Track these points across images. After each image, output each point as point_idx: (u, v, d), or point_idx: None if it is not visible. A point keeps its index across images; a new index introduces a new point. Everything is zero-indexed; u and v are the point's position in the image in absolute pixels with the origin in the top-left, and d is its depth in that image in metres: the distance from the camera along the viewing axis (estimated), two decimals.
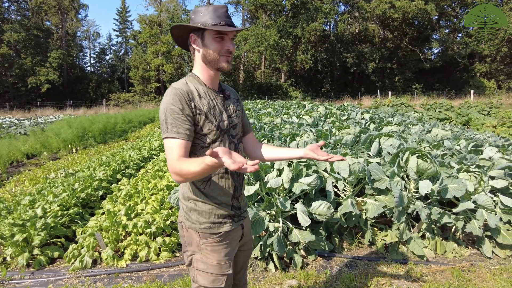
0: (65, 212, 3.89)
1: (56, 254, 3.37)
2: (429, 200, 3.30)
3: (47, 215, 3.71)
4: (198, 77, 1.48)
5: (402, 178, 3.38)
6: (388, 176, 3.35)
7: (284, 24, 33.76)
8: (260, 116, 7.50)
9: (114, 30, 52.02)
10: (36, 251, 3.31)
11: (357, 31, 39.66)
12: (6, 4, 38.94)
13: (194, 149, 1.43)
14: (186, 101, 1.36)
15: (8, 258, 3.27)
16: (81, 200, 4.26)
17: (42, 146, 9.21)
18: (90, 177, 4.94)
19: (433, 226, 3.39)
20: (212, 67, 1.46)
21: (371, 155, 4.05)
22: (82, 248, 3.30)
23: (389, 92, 30.77)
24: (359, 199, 3.55)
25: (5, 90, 35.77)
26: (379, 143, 4.12)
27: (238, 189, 1.57)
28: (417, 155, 3.31)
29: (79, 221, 3.91)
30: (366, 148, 4.27)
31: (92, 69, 49.82)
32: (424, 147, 4.12)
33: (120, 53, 50.75)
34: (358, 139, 4.64)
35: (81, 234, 3.50)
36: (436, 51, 41.62)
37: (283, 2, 35.22)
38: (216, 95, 1.50)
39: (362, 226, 3.51)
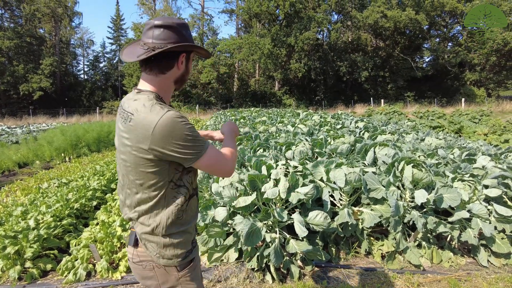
0: (58, 223, 3.82)
1: (49, 266, 3.31)
2: (425, 209, 3.31)
3: (40, 226, 3.65)
4: (161, 98, 1.34)
5: (398, 187, 3.40)
6: (384, 186, 3.37)
7: (277, 33, 34.07)
8: (255, 125, 7.51)
9: (108, 38, 51.82)
10: (28, 264, 3.25)
11: (349, 40, 40.17)
12: (0, 12, 38.75)
13: (182, 174, 1.36)
14: None
15: None
16: (75, 211, 4.20)
17: (35, 154, 9.10)
18: (84, 187, 4.88)
19: (429, 235, 3.40)
20: (179, 87, 1.43)
21: (367, 164, 4.07)
22: (76, 260, 3.24)
23: (382, 100, 31.13)
24: (355, 209, 3.55)
25: None
26: (374, 152, 4.14)
27: (197, 209, 1.57)
28: (412, 164, 3.34)
29: (72, 232, 3.85)
30: (362, 157, 4.29)
31: (86, 77, 49.55)
32: (419, 156, 4.15)
33: (114, 61, 50.56)
34: (353, 148, 4.67)
35: (75, 245, 3.44)
36: (427, 60, 42.36)
37: (277, 12, 35.59)
38: None
39: (358, 235, 3.51)
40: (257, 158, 3.60)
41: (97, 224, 3.90)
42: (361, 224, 3.48)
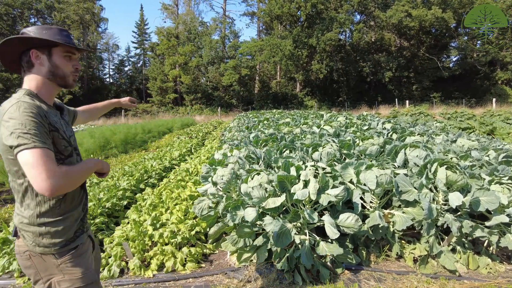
0: (91, 222, 3.96)
1: None
2: (459, 213, 3.20)
3: None
4: (36, 94, 1.41)
5: (431, 190, 3.30)
6: (416, 188, 3.29)
7: (299, 35, 33.97)
8: (279, 126, 7.50)
9: (133, 42, 53.36)
10: None
11: (373, 40, 39.47)
12: (33, 20, 40.69)
13: None
14: (43, 116, 1.32)
15: None
16: (106, 210, 4.34)
17: None
18: (115, 186, 5.03)
19: (463, 239, 3.28)
20: (58, 83, 1.47)
21: (397, 166, 3.98)
22: (110, 257, 3.34)
23: (407, 101, 30.33)
24: (386, 211, 3.48)
25: None
26: (405, 153, 4.05)
27: (85, 196, 1.63)
28: (445, 166, 3.23)
29: (105, 231, 3.97)
30: (392, 159, 4.20)
31: (111, 80, 51.23)
32: (451, 158, 4.02)
33: (139, 65, 51.99)
34: (382, 149, 4.58)
35: (108, 243, 3.55)
36: (454, 59, 40.93)
37: (298, 13, 35.49)
38: (55, 112, 1.50)
39: (389, 238, 3.44)
40: (285, 159, 3.59)
41: (128, 223, 4.00)
42: (392, 227, 3.40)
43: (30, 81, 1.43)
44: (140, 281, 3.07)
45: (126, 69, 52.02)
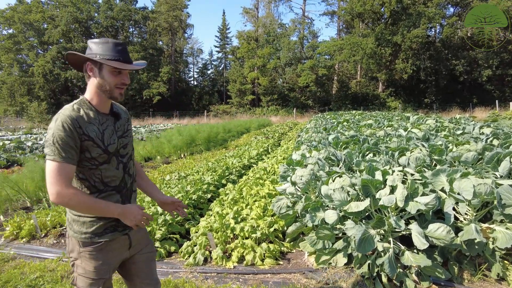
0: None
1: (172, 248, 3.76)
2: None
3: (165, 213, 4.18)
4: (89, 102, 1.57)
5: None
6: None
7: (382, 32, 32.08)
8: (360, 128, 7.21)
9: (215, 46, 56.89)
10: (157, 244, 3.75)
11: (468, 34, 35.26)
12: (131, 29, 46.00)
13: (83, 170, 1.54)
14: (74, 128, 1.46)
15: None
16: (193, 201, 4.69)
17: (157, 151, 10.49)
18: (200, 180, 5.42)
19: None
20: (106, 96, 1.57)
21: (499, 176, 3.51)
22: (195, 245, 3.61)
23: (511, 103, 26.37)
24: (484, 225, 3.10)
25: (126, 101, 42.05)
26: (510, 162, 3.55)
27: (127, 201, 1.68)
28: None
29: (191, 221, 4.31)
30: (492, 167, 3.72)
31: (195, 83, 55.05)
32: None
33: (220, 68, 54.90)
34: (480, 156, 4.09)
35: (194, 232, 3.84)
36: None
37: (382, 10, 33.54)
38: (106, 118, 1.62)
39: (488, 256, 3.06)
40: (369, 163, 3.45)
41: (212, 215, 4.27)
42: (492, 244, 3.02)
43: (88, 88, 1.60)
44: (221, 271, 3.25)
45: (208, 72, 55.38)
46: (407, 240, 3.02)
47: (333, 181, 3.17)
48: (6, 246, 4.00)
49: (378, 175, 3.02)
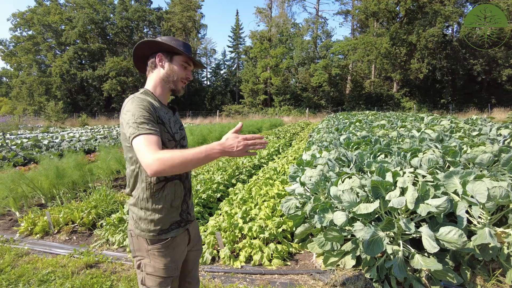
0: None
1: None
2: None
3: None
4: (152, 93, 1.62)
5: None
6: None
7: (397, 31, 31.60)
8: (372, 129, 7.10)
9: (229, 46, 56.97)
10: None
11: (488, 33, 34.28)
12: (146, 30, 46.63)
13: None
14: (151, 108, 1.48)
15: None
16: (202, 200, 4.71)
17: None
18: (210, 180, 5.44)
19: None
20: (169, 86, 1.66)
21: None
22: (203, 244, 3.62)
23: None
24: (499, 230, 3.01)
25: None
26: None
27: (188, 194, 1.70)
28: None
29: (200, 220, 4.32)
30: (509, 170, 3.60)
31: (208, 83, 55.30)
32: None
33: (233, 68, 55.04)
34: (496, 159, 3.97)
35: (203, 231, 3.85)
36: None
37: (397, 9, 33.01)
38: (167, 110, 1.67)
39: (502, 261, 2.96)
40: (380, 164, 3.39)
41: (221, 214, 4.28)
42: (507, 249, 2.93)
43: (150, 80, 1.66)
44: (229, 270, 3.25)
45: (221, 72, 55.59)
46: (418, 243, 2.95)
47: (343, 182, 3.13)
48: (21, 242, 4.10)
49: (389, 177, 2.96)
